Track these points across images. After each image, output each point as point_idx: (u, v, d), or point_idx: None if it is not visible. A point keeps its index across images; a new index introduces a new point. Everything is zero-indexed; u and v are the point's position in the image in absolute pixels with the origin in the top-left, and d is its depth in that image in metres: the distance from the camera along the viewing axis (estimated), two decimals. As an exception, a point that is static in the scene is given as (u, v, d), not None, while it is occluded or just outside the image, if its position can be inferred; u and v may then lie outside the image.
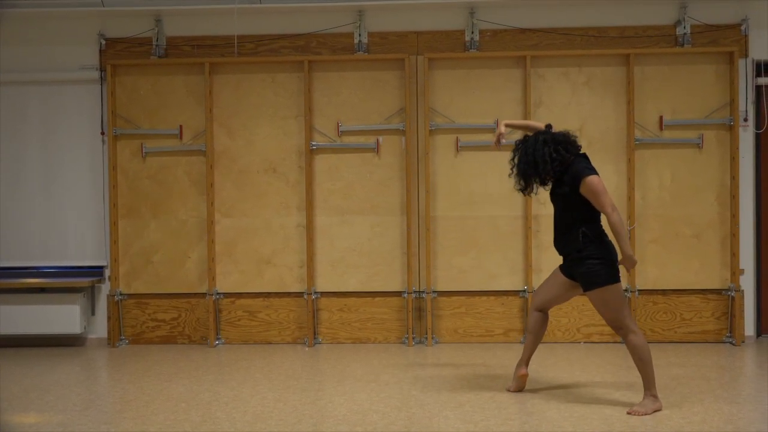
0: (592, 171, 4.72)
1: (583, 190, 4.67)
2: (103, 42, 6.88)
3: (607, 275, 4.64)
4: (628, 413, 4.57)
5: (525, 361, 5.09)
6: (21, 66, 6.92)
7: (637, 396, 4.94)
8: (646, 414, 4.55)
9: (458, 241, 6.72)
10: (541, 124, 5.03)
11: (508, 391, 5.09)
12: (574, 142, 4.83)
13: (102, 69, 6.87)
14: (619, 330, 4.69)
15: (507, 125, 5.12)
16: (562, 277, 4.93)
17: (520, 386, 5.10)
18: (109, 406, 4.96)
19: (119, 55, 6.89)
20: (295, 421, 4.52)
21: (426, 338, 6.66)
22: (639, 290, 6.61)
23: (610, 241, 4.73)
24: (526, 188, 4.91)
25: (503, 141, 5.11)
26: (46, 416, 4.72)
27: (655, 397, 4.65)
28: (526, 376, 5.08)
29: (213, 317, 6.77)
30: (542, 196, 6.62)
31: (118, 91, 6.86)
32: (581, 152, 4.86)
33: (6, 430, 4.47)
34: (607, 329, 6.63)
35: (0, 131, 6.95)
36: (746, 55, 6.65)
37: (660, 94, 6.64)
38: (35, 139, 6.96)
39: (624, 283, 6.57)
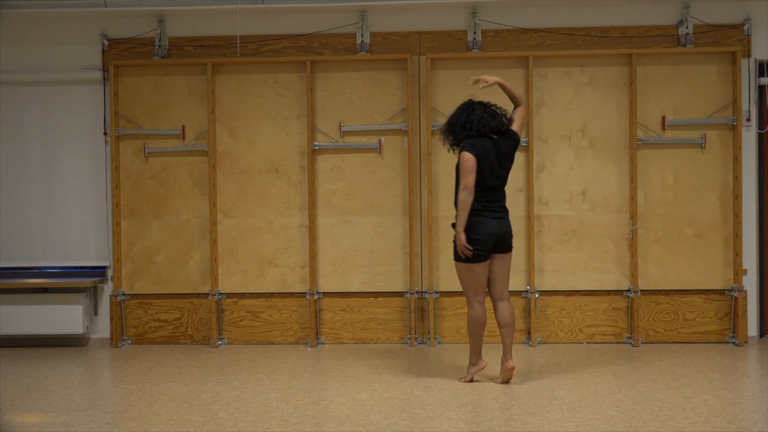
0: (472, 149, 5.12)
1: (458, 162, 5.19)
2: (106, 42, 6.88)
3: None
4: (460, 381, 5.33)
5: (509, 353, 5.29)
6: (23, 66, 6.93)
7: (640, 396, 4.95)
8: (471, 380, 5.30)
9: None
10: (521, 101, 5.43)
11: (496, 382, 5.28)
12: (497, 126, 5.23)
13: (104, 69, 6.88)
14: (466, 299, 5.35)
15: (499, 84, 5.38)
16: None
17: (507, 378, 5.28)
18: (112, 407, 4.96)
19: (122, 56, 6.89)
20: (298, 421, 4.52)
21: (428, 338, 6.66)
22: (641, 290, 6.60)
23: (483, 220, 5.16)
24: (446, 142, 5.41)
25: (481, 85, 5.42)
26: (48, 416, 4.72)
27: (473, 364, 5.31)
28: (514, 367, 5.28)
29: (215, 317, 6.77)
30: (545, 196, 6.64)
31: (120, 92, 6.86)
32: (507, 132, 5.29)
33: (8, 430, 4.47)
34: (610, 330, 6.65)
35: (2, 132, 6.95)
36: (749, 55, 6.64)
37: (662, 94, 6.63)
38: (37, 140, 6.97)
39: (626, 283, 6.59)
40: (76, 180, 6.95)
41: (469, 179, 5.09)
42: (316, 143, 6.76)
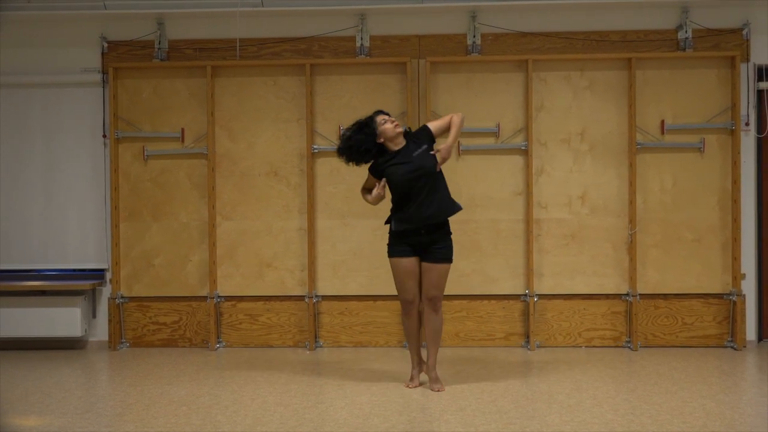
0: None
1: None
2: (105, 45, 6.89)
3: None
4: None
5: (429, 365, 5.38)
6: (23, 69, 6.93)
7: (639, 400, 4.95)
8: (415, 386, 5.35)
9: (459, 244, 6.67)
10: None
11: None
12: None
13: (104, 72, 6.88)
14: None
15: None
16: None
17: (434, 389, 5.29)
18: (110, 410, 4.95)
19: (121, 58, 6.90)
20: (296, 424, 4.51)
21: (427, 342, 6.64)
22: (640, 294, 6.60)
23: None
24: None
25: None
26: (46, 419, 4.72)
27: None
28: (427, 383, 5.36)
29: (214, 320, 6.76)
30: (544, 199, 6.65)
31: (120, 94, 6.86)
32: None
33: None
34: (608, 333, 6.65)
35: (1, 134, 6.96)
36: (748, 60, 6.65)
37: (661, 98, 6.64)
38: (37, 142, 6.97)
39: (625, 287, 6.60)
40: (76, 182, 6.95)
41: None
42: (315, 146, 6.76)
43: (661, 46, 6.68)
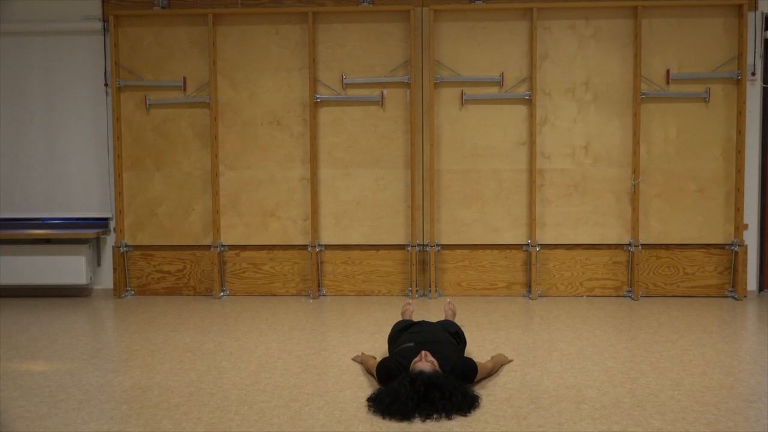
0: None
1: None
2: (106, -8, 6.83)
3: None
4: None
5: None
6: (23, 17, 6.87)
7: (639, 348, 4.99)
8: None
9: (462, 194, 6.72)
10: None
11: None
12: None
13: (105, 20, 6.82)
14: None
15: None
16: None
17: None
18: (116, 355, 5.02)
19: (122, 6, 6.83)
20: (299, 370, 4.57)
21: (429, 291, 6.70)
22: (642, 244, 6.62)
23: None
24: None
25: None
26: (54, 364, 4.78)
27: None
28: None
29: (218, 269, 6.81)
30: (548, 150, 6.63)
31: (121, 42, 6.81)
32: None
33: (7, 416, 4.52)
34: (610, 283, 6.68)
35: (2, 83, 6.92)
36: (755, 8, 6.56)
37: (667, 48, 6.57)
38: (38, 91, 6.93)
39: (627, 237, 6.62)
40: (78, 131, 6.93)
41: None
42: (318, 95, 6.72)
43: (668, -6, 6.60)
